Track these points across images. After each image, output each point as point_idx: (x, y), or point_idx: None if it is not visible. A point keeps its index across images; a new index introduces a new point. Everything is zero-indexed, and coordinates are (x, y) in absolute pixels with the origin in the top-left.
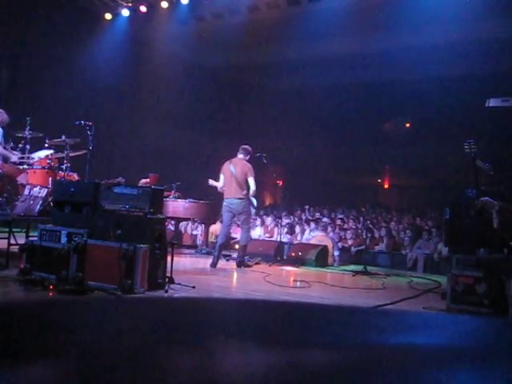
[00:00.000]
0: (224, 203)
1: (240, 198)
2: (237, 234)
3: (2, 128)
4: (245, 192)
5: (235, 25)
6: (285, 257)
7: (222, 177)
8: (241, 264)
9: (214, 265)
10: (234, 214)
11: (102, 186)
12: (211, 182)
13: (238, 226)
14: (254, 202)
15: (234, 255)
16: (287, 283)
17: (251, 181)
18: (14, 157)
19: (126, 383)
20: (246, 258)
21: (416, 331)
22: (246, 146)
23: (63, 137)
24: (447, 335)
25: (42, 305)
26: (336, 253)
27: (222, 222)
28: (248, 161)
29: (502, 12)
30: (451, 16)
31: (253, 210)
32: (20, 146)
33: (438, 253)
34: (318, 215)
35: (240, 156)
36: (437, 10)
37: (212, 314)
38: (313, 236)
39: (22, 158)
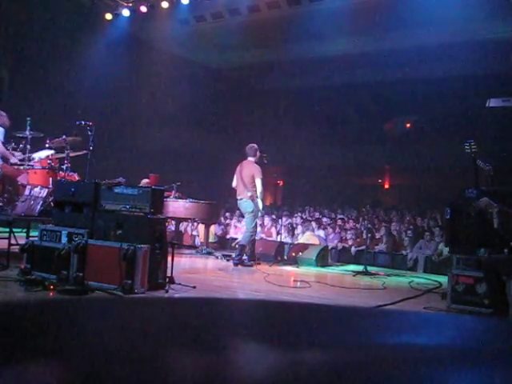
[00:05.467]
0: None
1: (244, 199)
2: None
3: (4, 129)
4: (250, 193)
5: (235, 25)
6: (285, 257)
7: (235, 178)
8: (238, 264)
9: (235, 264)
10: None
11: (102, 186)
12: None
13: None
14: (260, 204)
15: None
16: (287, 283)
17: (258, 182)
18: (14, 158)
19: (128, 383)
20: (245, 258)
21: (416, 331)
22: (251, 145)
23: (64, 137)
24: (447, 335)
25: (42, 305)
26: None
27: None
28: (256, 159)
29: (502, 12)
30: (451, 16)
31: (259, 213)
32: (21, 146)
33: (438, 254)
34: (317, 215)
35: (249, 157)
36: (437, 10)
37: (213, 315)
38: (303, 235)
39: (23, 159)
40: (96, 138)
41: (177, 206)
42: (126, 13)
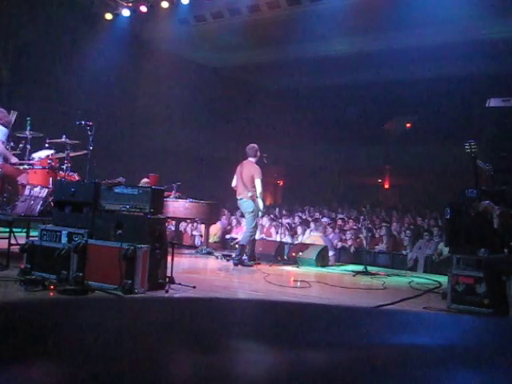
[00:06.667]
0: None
1: (244, 199)
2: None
3: (6, 128)
4: (250, 194)
5: (235, 25)
6: (285, 257)
7: (235, 177)
8: (238, 264)
9: (235, 264)
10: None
11: (102, 186)
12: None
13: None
14: (261, 204)
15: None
16: (287, 283)
17: (257, 182)
18: (14, 158)
19: (128, 383)
20: (244, 258)
21: (416, 331)
22: (252, 145)
23: (64, 137)
24: (447, 335)
25: (42, 305)
26: (330, 253)
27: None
28: (257, 160)
29: (502, 12)
30: (451, 16)
31: (259, 213)
32: (20, 145)
33: (438, 254)
34: (317, 215)
35: (249, 157)
36: (437, 10)
37: (213, 314)
38: (308, 236)
39: (22, 163)
40: (96, 138)
41: (177, 205)
42: (125, 13)
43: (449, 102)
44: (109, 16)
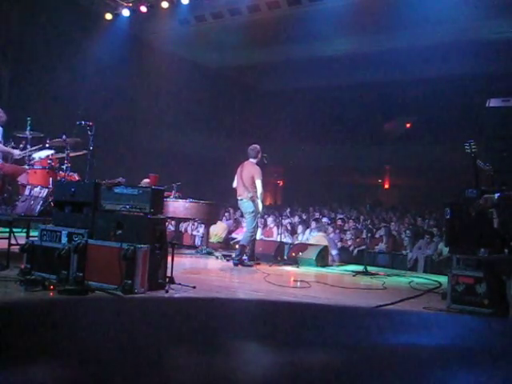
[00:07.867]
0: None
1: (244, 199)
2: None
3: (2, 127)
4: (250, 194)
5: (235, 25)
6: (285, 257)
7: (235, 178)
8: (238, 264)
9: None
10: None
11: (102, 186)
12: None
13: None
14: (260, 205)
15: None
16: (287, 283)
17: (258, 183)
18: (17, 151)
19: (128, 383)
20: (244, 258)
21: (416, 331)
22: (253, 146)
23: (64, 137)
24: (447, 335)
25: (42, 305)
26: (334, 252)
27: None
28: (257, 160)
29: (501, 12)
30: (451, 16)
31: (258, 214)
32: (21, 146)
33: (438, 254)
34: (317, 215)
35: (250, 158)
36: (437, 11)
37: (213, 314)
38: (313, 236)
39: (24, 153)
40: (96, 138)
41: (177, 205)
42: (125, 13)
43: (448, 101)
44: (109, 16)
